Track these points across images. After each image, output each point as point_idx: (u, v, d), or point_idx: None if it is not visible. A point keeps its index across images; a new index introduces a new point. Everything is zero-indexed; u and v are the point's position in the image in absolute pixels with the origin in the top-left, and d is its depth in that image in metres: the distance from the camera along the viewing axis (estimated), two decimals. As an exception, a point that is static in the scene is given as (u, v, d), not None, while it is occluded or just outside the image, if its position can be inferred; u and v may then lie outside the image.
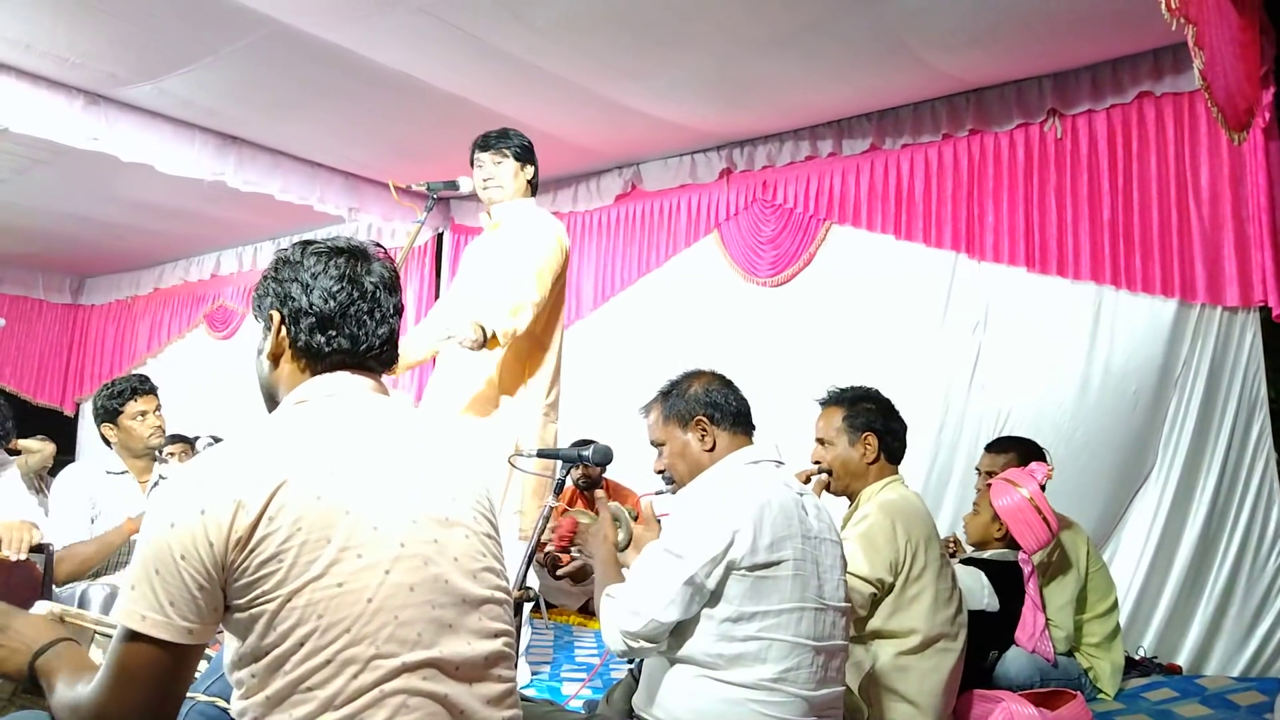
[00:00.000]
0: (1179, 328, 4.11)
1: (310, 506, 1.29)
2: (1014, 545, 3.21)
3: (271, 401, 1.54)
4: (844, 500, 2.86)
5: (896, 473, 2.77)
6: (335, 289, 1.47)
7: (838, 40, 4.07)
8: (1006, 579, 3.15)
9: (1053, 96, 4.45)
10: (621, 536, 2.29)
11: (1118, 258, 4.24)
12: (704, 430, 2.23)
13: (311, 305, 1.46)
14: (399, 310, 1.55)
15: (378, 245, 1.57)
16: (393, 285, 1.54)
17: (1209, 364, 4.06)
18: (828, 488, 2.81)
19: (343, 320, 1.47)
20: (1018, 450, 3.63)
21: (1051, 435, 4.16)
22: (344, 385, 1.48)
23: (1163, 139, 4.20)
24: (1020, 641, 3.16)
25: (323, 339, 1.47)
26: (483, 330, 3.04)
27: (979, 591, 3.06)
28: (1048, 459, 3.59)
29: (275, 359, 1.51)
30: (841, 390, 2.86)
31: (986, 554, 3.28)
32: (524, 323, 3.21)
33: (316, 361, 1.48)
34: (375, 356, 1.51)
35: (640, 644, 2.00)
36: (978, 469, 3.80)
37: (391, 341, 1.54)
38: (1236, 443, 4.01)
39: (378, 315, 1.50)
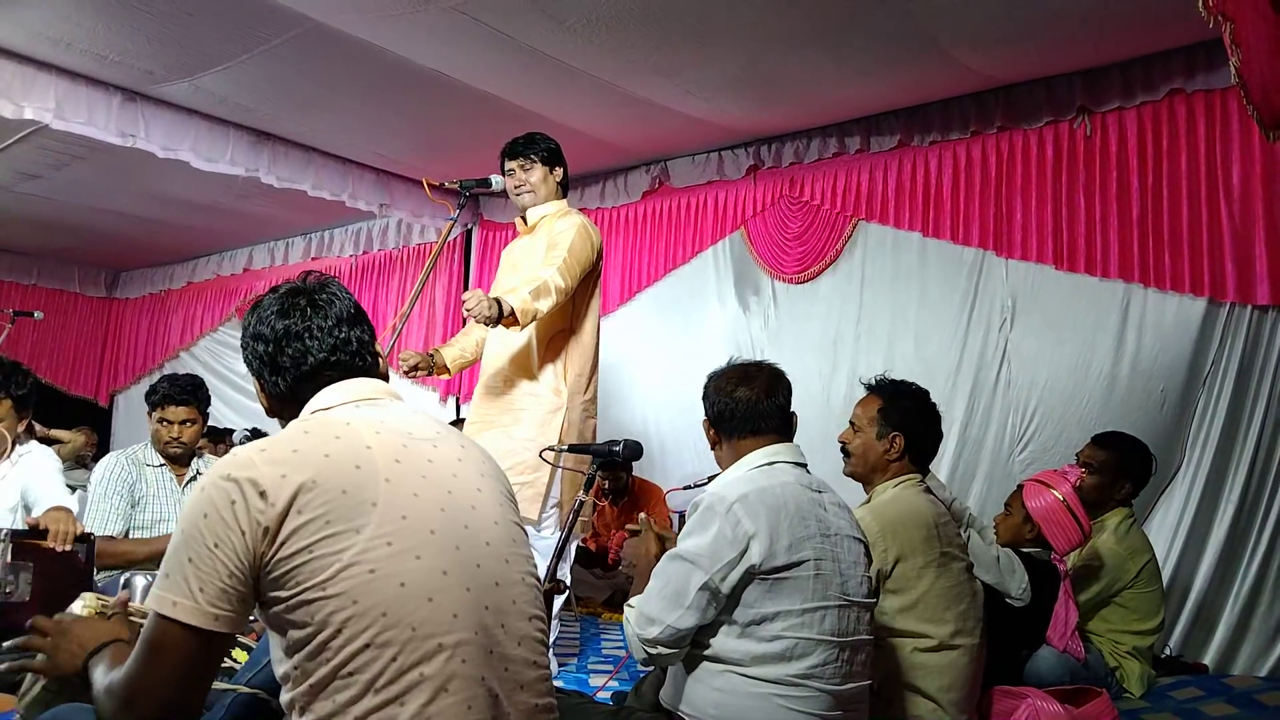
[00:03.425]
0: (1208, 326, 4.08)
1: (337, 500, 1.33)
2: (1045, 546, 3.22)
3: None
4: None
5: (916, 473, 2.77)
6: (286, 323, 1.57)
7: (867, 37, 4.07)
8: (1042, 576, 3.15)
9: (1083, 94, 4.43)
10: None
11: (1146, 256, 4.21)
12: (711, 433, 2.32)
13: (278, 344, 1.57)
14: (347, 318, 1.61)
15: (314, 273, 1.68)
16: (346, 299, 1.62)
17: (1238, 363, 4.03)
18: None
19: (302, 339, 1.56)
20: (1123, 449, 3.60)
21: (1078, 433, 4.15)
22: (355, 388, 1.56)
23: (1194, 137, 4.17)
24: (1051, 640, 3.17)
25: (290, 367, 1.57)
26: (499, 305, 3.07)
27: (1019, 575, 3.06)
28: (1153, 465, 3.60)
29: (273, 413, 1.63)
30: (889, 382, 2.85)
31: (1024, 551, 3.28)
32: (546, 306, 3.23)
33: (308, 387, 1.57)
34: (342, 365, 1.58)
35: (659, 650, 2.02)
36: (1077, 456, 3.70)
37: (365, 345, 1.61)
38: (1266, 442, 3.98)
39: (317, 334, 1.57)
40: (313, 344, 1.56)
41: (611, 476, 5.27)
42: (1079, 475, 3.22)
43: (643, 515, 2.48)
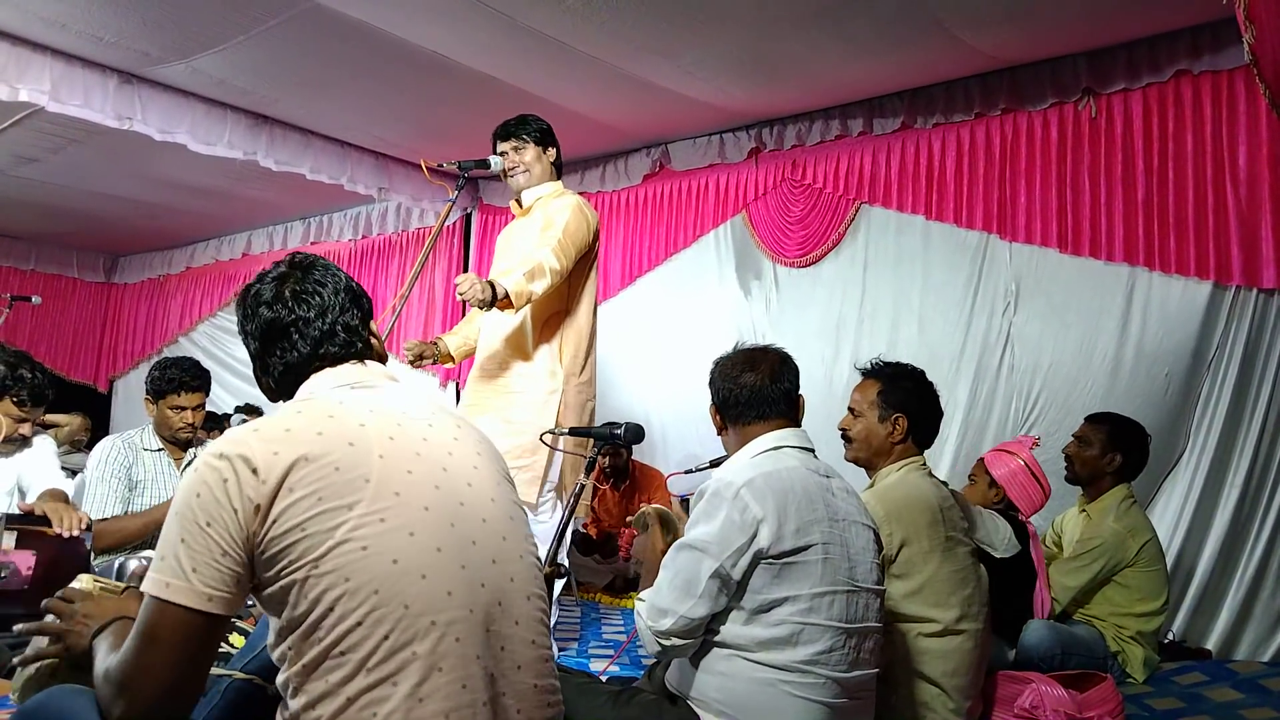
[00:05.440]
0: (1213, 310, 4.06)
1: (330, 477, 1.32)
2: (1008, 509, 3.36)
3: None
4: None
5: (920, 455, 2.76)
6: (271, 316, 1.57)
7: (870, 17, 4.03)
8: (1018, 533, 3.25)
9: (1088, 75, 4.39)
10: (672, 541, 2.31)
11: (1151, 238, 4.18)
12: (717, 419, 2.30)
13: (264, 340, 1.58)
14: (354, 302, 1.61)
15: (300, 257, 1.68)
16: (333, 285, 1.61)
17: (1243, 347, 4.00)
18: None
19: (288, 335, 1.56)
20: (1112, 422, 3.66)
21: (1081, 417, 4.12)
22: (347, 374, 1.55)
23: (1200, 118, 4.13)
24: (1040, 591, 3.31)
25: (277, 360, 1.57)
26: (492, 288, 3.05)
27: (1002, 530, 3.14)
28: (1147, 440, 3.65)
29: (272, 395, 1.63)
30: (885, 365, 2.83)
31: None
32: (540, 287, 3.21)
33: (297, 378, 1.57)
34: (332, 357, 1.57)
35: (672, 642, 2.00)
36: (1074, 435, 3.75)
37: (353, 333, 1.60)
38: (1270, 426, 3.96)
39: (326, 315, 1.57)
40: (298, 339, 1.56)
41: (612, 452, 5.23)
42: (1034, 441, 3.42)
43: (645, 506, 2.47)
